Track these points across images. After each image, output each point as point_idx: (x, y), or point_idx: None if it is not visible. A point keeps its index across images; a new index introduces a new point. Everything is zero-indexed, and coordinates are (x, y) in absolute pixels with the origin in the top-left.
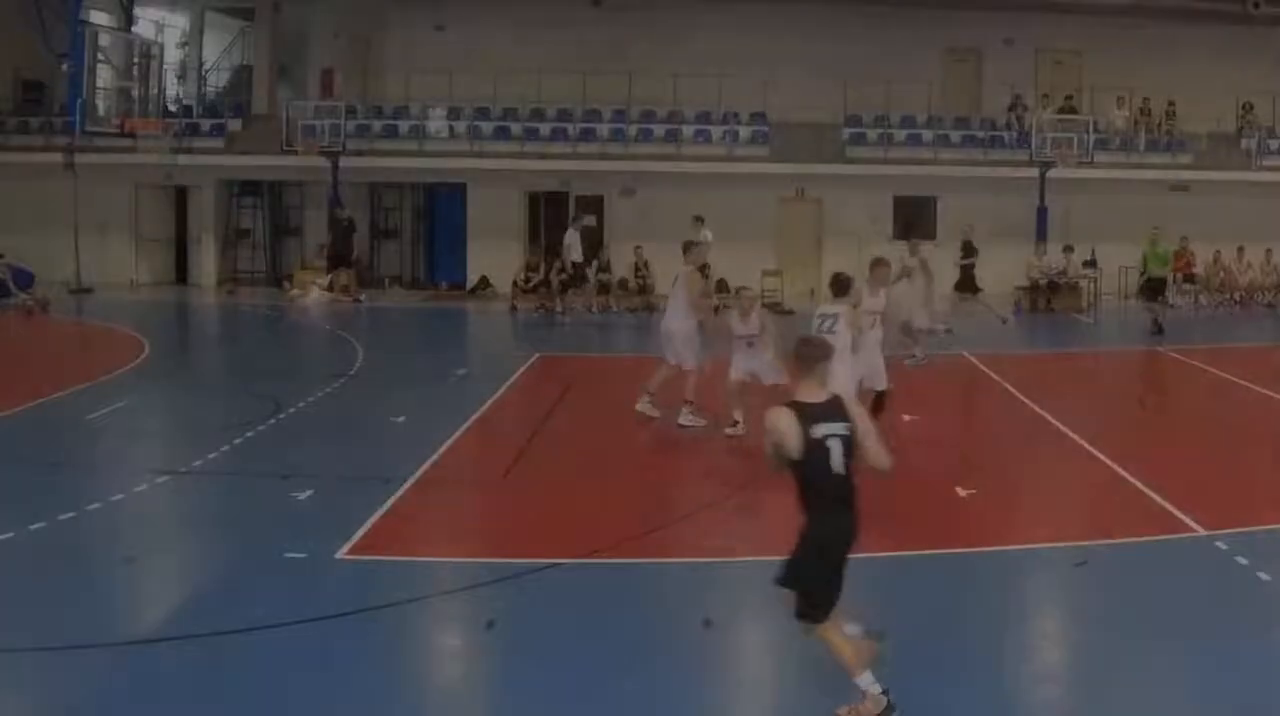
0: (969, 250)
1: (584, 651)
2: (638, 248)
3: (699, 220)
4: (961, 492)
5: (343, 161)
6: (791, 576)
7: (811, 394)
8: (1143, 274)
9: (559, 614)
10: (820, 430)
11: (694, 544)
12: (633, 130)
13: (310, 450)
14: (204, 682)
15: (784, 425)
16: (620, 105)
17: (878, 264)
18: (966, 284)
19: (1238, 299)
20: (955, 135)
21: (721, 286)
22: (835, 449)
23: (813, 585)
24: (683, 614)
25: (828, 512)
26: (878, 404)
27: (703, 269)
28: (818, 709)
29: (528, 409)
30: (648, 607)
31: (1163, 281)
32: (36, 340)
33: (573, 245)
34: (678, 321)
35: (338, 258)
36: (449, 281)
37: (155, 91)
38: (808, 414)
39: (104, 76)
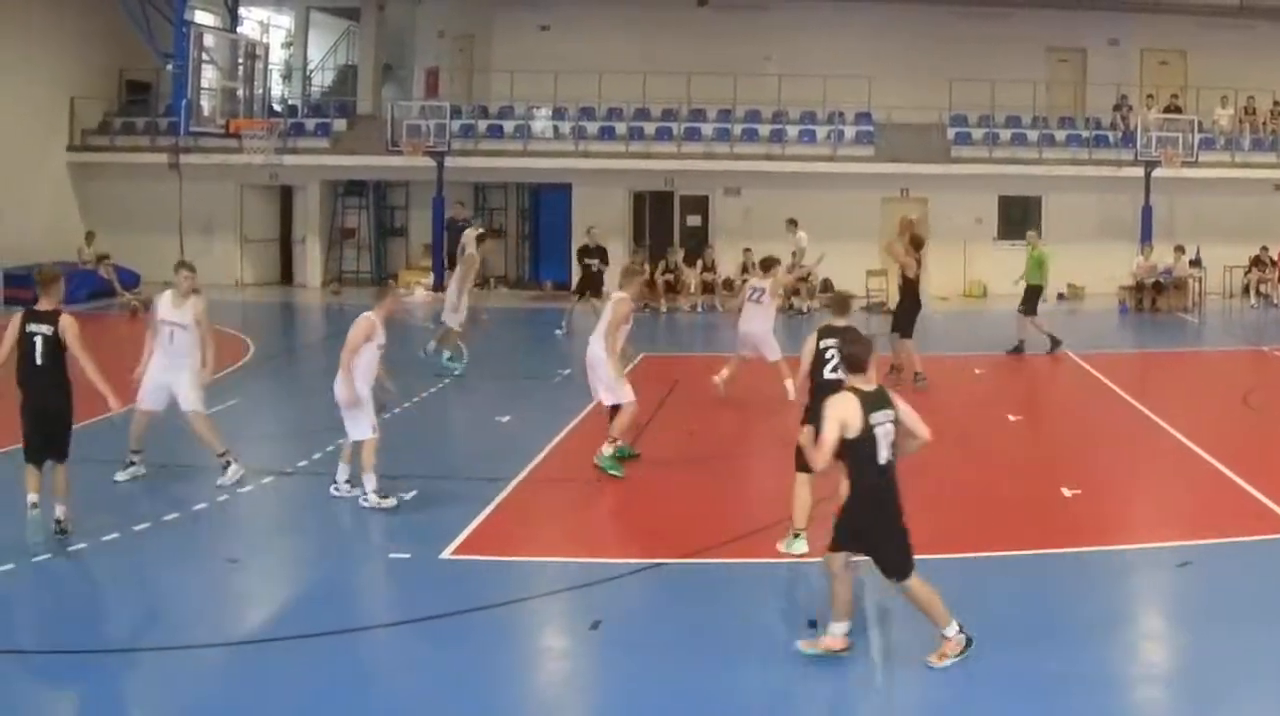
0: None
1: (688, 651)
2: (746, 249)
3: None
4: (1067, 492)
5: (448, 161)
6: None
7: None
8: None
9: (664, 614)
10: None
11: None
12: (737, 130)
13: (415, 450)
14: (310, 683)
15: None
16: (725, 105)
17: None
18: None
19: None
20: (1060, 135)
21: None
22: None
23: None
24: (787, 614)
25: None
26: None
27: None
28: (918, 706)
29: None
30: (752, 607)
31: (1037, 291)
32: (141, 341)
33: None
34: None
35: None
36: (554, 281)
37: (260, 91)
38: None
39: (209, 77)
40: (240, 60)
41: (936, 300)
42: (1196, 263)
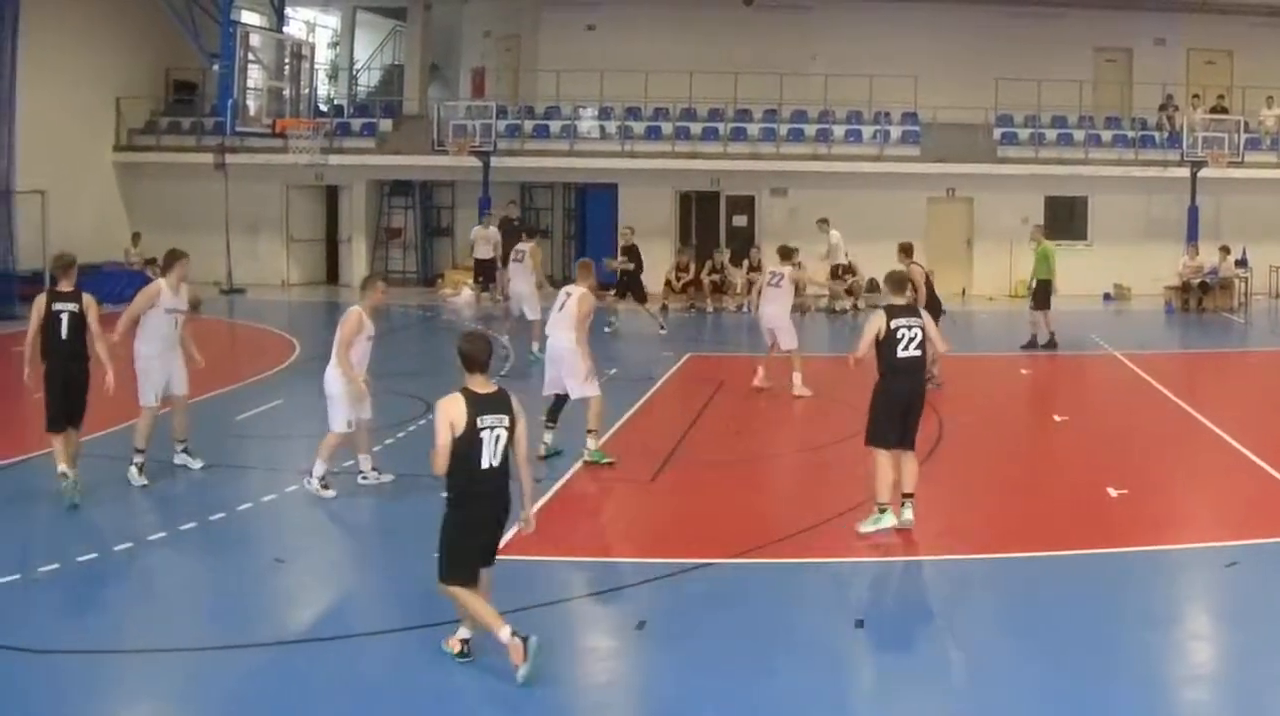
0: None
1: (734, 652)
2: (795, 250)
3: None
4: (1113, 493)
5: (494, 161)
6: None
7: None
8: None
9: (710, 614)
10: None
11: (845, 543)
12: (783, 130)
13: None
14: (354, 683)
15: None
16: (771, 105)
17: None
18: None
19: None
20: (1106, 135)
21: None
22: None
23: None
24: (835, 614)
25: None
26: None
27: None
28: (964, 705)
29: (678, 409)
30: (799, 608)
31: (1046, 286)
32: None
33: (478, 242)
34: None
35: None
36: (600, 281)
37: (306, 91)
38: None
39: (255, 77)
40: (286, 60)
41: (983, 300)
42: (1242, 263)
